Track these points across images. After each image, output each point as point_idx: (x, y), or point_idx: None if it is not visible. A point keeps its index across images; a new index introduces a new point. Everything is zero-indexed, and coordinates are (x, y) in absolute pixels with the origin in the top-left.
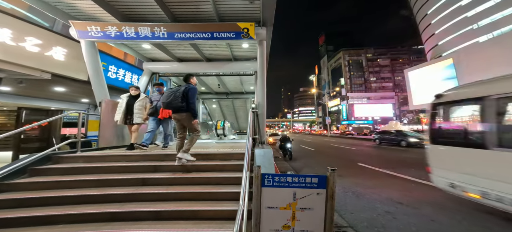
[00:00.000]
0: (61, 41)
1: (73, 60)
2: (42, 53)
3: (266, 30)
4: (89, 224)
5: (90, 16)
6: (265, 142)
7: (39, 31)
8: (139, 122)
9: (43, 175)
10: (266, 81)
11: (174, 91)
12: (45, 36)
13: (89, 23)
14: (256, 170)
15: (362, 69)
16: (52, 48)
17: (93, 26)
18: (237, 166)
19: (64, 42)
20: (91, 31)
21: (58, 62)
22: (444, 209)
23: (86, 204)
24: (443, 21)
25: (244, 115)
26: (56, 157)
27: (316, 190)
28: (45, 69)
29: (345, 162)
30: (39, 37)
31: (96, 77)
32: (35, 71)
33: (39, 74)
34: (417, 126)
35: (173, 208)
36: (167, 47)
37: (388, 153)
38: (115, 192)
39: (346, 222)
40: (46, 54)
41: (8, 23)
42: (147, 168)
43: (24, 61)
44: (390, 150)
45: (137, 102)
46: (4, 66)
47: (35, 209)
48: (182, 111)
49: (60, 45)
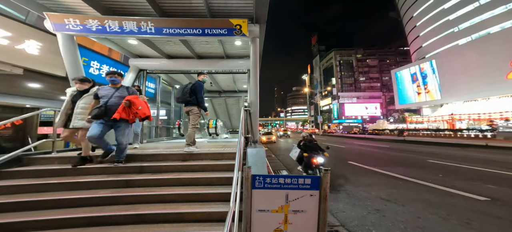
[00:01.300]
0: (35, 34)
1: (49, 54)
2: (12, 46)
3: (260, 28)
4: (63, 230)
5: (68, 8)
6: (258, 141)
7: (8, 22)
8: (79, 125)
9: (12, 178)
10: (259, 79)
11: (183, 87)
12: (15, 28)
13: (67, 15)
14: (246, 171)
15: (352, 69)
16: (24, 41)
17: (71, 19)
18: (228, 166)
19: (38, 36)
20: (69, 24)
21: (31, 56)
22: (430, 206)
23: (60, 209)
24: (427, 23)
25: (237, 114)
26: (28, 158)
27: (309, 191)
28: (16, 64)
29: (336, 161)
30: (8, 29)
31: (75, 73)
32: (4, 66)
33: (9, 69)
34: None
35: (157, 211)
36: (155, 43)
37: (376, 152)
38: (94, 195)
39: (338, 221)
40: (17, 47)
41: None
42: (132, 169)
43: None
44: (378, 148)
45: (82, 98)
46: None
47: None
48: (190, 105)
49: (33, 38)
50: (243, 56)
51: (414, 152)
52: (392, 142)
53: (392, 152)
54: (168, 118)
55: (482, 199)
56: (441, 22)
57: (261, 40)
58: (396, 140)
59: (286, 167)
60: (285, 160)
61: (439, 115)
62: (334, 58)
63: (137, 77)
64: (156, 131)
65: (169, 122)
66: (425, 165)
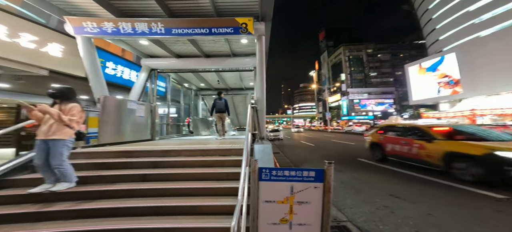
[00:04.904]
0: (57, 37)
1: (71, 56)
2: (38, 49)
3: (265, 25)
4: (90, 220)
5: (85, 12)
6: (265, 138)
7: (34, 27)
8: None
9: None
10: (265, 76)
11: (219, 100)
12: (40, 32)
13: (85, 18)
14: (253, 164)
15: (362, 65)
16: (47, 44)
17: (88, 22)
18: (236, 162)
19: (60, 39)
20: (87, 27)
21: (55, 59)
22: (443, 203)
23: (87, 200)
24: (445, 15)
25: (244, 111)
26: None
27: (313, 183)
28: (42, 66)
29: (344, 157)
30: (34, 33)
31: (94, 74)
32: (32, 68)
33: (36, 70)
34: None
35: (171, 203)
36: (165, 43)
37: None
38: (116, 188)
39: (346, 217)
40: (42, 50)
41: (3, 19)
42: (147, 164)
43: (19, 57)
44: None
45: None
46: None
47: (35, 205)
48: (223, 112)
49: (56, 41)
50: (249, 54)
51: None
52: None
53: None
54: (178, 116)
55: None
56: (460, 13)
57: (267, 37)
58: None
59: (293, 164)
60: (292, 157)
61: (459, 110)
62: (342, 54)
63: (149, 77)
64: (167, 129)
65: (179, 119)
66: None
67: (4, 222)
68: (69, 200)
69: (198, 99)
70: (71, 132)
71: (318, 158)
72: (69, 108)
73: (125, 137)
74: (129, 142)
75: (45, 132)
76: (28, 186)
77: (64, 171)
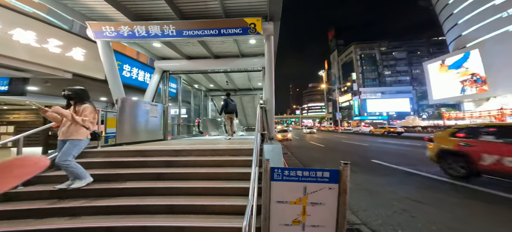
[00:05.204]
0: (80, 42)
1: (92, 60)
2: (63, 53)
3: (274, 25)
4: (111, 216)
5: (104, 16)
6: (274, 138)
7: (59, 32)
8: None
9: None
10: (274, 76)
11: (230, 102)
12: (65, 37)
13: (104, 23)
14: (265, 164)
15: (375, 63)
16: (72, 49)
17: (107, 26)
18: (245, 162)
19: (82, 43)
20: (105, 31)
21: (78, 62)
22: (476, 211)
23: (108, 197)
24: (468, 10)
25: (252, 112)
26: (81, 152)
27: (328, 184)
28: (67, 69)
29: (357, 159)
30: (60, 38)
31: (112, 76)
32: (58, 71)
33: (61, 74)
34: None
35: (184, 202)
36: (176, 45)
37: (406, 150)
38: (133, 186)
39: (359, 219)
40: (67, 54)
41: (32, 25)
42: (160, 163)
43: (47, 62)
44: (405, 146)
45: None
46: (30, 66)
47: (62, 201)
48: (233, 113)
49: (79, 46)
50: (258, 54)
51: None
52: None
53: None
54: (188, 117)
55: None
56: (485, 7)
57: (275, 37)
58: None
59: (302, 164)
60: (301, 157)
61: (485, 109)
62: (354, 53)
63: (161, 78)
64: (178, 129)
65: (189, 120)
66: None
67: (32, 216)
68: (92, 197)
69: (208, 100)
70: (87, 133)
71: (329, 159)
72: (82, 109)
73: (140, 137)
74: (143, 141)
75: (64, 132)
76: (54, 182)
77: (71, 169)
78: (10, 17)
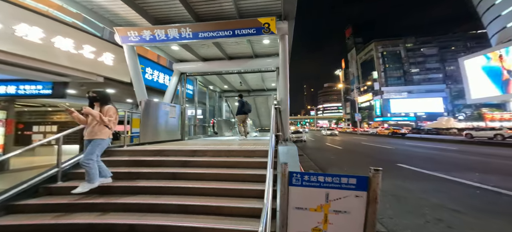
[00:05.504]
0: (109, 47)
1: (119, 64)
2: (95, 59)
3: (288, 24)
4: (132, 213)
5: (128, 21)
6: (289, 140)
7: (92, 39)
8: None
9: None
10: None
11: (245, 104)
12: (97, 43)
13: (129, 28)
14: (283, 168)
15: (400, 61)
16: (103, 54)
17: (132, 31)
18: (259, 163)
19: (111, 48)
20: (130, 35)
21: (108, 66)
22: None
23: (130, 195)
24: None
25: (266, 113)
26: (109, 150)
27: (355, 192)
28: (99, 73)
29: (380, 163)
30: (93, 44)
31: (137, 79)
32: (92, 75)
33: (94, 77)
34: (478, 123)
35: (198, 202)
36: (192, 47)
37: (431, 153)
38: (151, 184)
39: (385, 228)
40: (99, 59)
41: (70, 33)
42: (177, 163)
43: (83, 67)
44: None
45: None
46: (69, 71)
47: (91, 196)
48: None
49: (108, 51)
50: (271, 54)
51: (500, 156)
52: (462, 143)
53: (462, 155)
54: (203, 117)
55: None
56: None
57: (290, 36)
58: (468, 141)
59: (319, 167)
60: (317, 160)
61: None
62: (374, 50)
63: (179, 80)
64: (194, 129)
65: (204, 120)
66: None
67: (65, 210)
68: (118, 194)
69: (222, 101)
70: (110, 132)
71: (347, 162)
72: (106, 110)
73: (160, 137)
74: (163, 141)
75: (89, 132)
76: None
77: (90, 170)
78: (52, 26)
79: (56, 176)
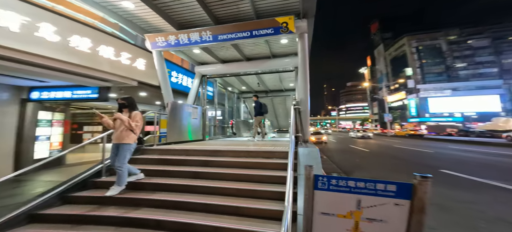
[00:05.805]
0: (141, 53)
1: (149, 68)
2: (131, 64)
3: (307, 22)
4: (160, 210)
5: (156, 28)
6: (308, 141)
7: (128, 46)
8: None
9: (133, 163)
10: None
11: (262, 105)
12: (132, 50)
13: (157, 34)
14: (308, 171)
15: (440, 55)
16: (136, 60)
17: (159, 37)
18: (278, 165)
19: (143, 54)
20: (158, 41)
21: (141, 71)
22: None
23: (159, 192)
24: None
25: (284, 113)
26: (142, 149)
27: (394, 200)
28: (134, 78)
29: (419, 167)
30: (129, 51)
31: (164, 82)
32: (128, 80)
33: (130, 82)
34: None
35: (219, 202)
36: (212, 49)
37: (480, 158)
38: (177, 182)
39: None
40: (133, 65)
41: (111, 43)
42: (199, 162)
43: (121, 72)
44: (484, 154)
45: None
46: (111, 77)
47: (129, 192)
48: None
49: (141, 57)
50: (289, 54)
51: None
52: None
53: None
54: (223, 118)
55: None
56: None
57: (309, 35)
58: None
59: (342, 170)
60: (340, 163)
61: None
62: (407, 45)
63: (201, 82)
64: (214, 130)
65: (223, 121)
66: None
67: (104, 203)
68: (149, 190)
69: (240, 102)
70: (135, 137)
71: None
72: (133, 115)
73: (184, 137)
74: (186, 141)
75: (117, 137)
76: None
77: (122, 173)
78: (98, 36)
79: (101, 171)
